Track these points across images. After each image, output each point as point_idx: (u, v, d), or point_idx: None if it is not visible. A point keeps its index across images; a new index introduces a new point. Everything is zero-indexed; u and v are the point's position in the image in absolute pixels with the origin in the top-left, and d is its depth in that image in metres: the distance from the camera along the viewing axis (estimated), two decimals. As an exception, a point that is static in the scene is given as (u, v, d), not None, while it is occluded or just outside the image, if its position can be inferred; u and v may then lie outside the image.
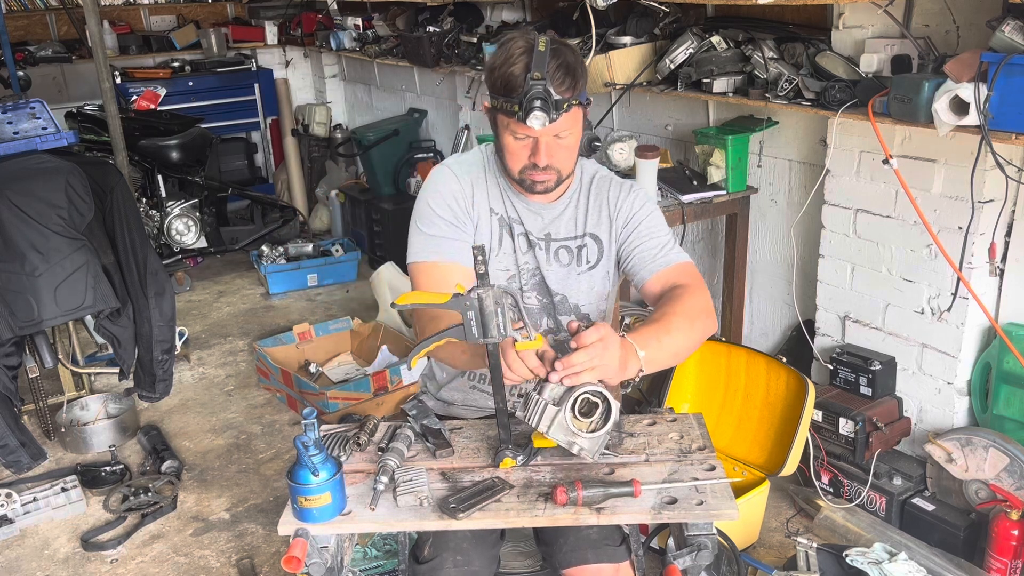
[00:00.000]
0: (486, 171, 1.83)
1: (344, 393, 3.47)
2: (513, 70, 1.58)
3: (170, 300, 3.05)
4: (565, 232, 1.83)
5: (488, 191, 1.81)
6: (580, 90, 1.63)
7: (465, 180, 1.80)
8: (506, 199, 1.82)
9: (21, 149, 2.93)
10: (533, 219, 1.82)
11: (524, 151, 1.67)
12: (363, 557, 2.64)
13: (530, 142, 1.65)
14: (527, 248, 1.82)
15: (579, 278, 1.83)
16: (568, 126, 1.64)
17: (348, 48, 5.43)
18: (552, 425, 1.45)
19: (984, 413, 2.60)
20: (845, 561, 2.27)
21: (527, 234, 1.82)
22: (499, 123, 1.67)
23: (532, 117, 1.56)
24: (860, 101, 2.45)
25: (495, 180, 1.82)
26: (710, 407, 2.87)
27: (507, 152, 1.69)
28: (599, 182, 1.86)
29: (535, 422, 1.46)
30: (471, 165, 1.83)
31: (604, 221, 1.83)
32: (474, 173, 1.82)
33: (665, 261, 1.77)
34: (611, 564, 1.69)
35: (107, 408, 3.63)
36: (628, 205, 1.82)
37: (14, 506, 2.93)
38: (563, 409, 1.44)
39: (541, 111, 1.55)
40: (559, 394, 1.46)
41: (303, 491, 1.39)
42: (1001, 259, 2.50)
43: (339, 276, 5.22)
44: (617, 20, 3.33)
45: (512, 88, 1.58)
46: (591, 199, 1.84)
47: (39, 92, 5.12)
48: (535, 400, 1.46)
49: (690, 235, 3.55)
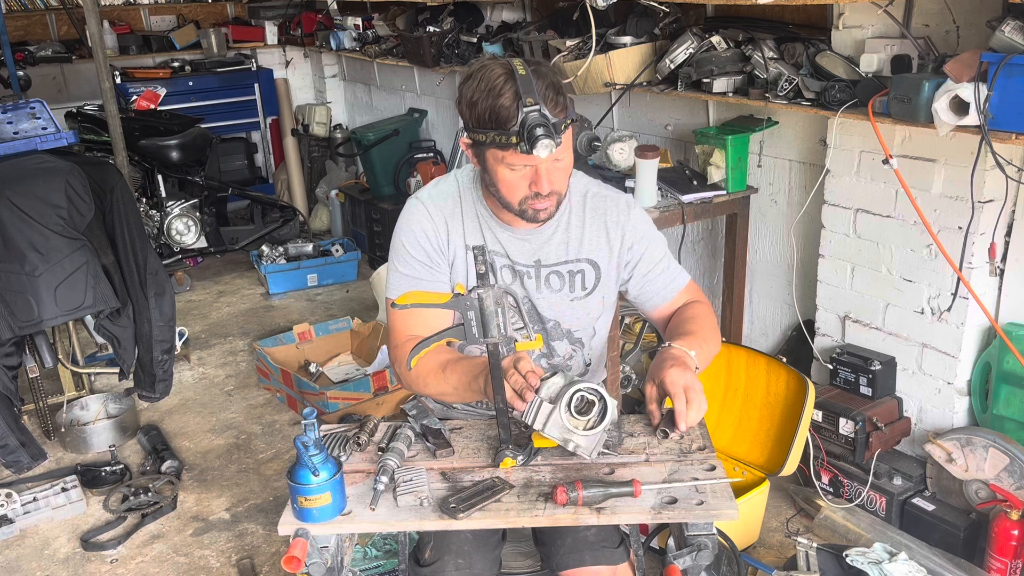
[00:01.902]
0: (462, 203, 1.75)
1: (344, 393, 3.47)
2: (502, 101, 1.50)
3: (170, 300, 3.05)
4: (556, 257, 1.76)
5: (464, 225, 1.74)
6: (570, 108, 1.58)
7: (438, 217, 1.73)
8: (486, 231, 1.74)
9: (21, 149, 2.93)
10: (519, 246, 1.75)
11: (523, 181, 1.60)
12: (363, 557, 2.64)
13: (529, 171, 1.58)
14: (511, 279, 1.76)
15: (572, 304, 1.78)
16: (566, 147, 1.58)
17: (348, 48, 5.43)
18: (548, 423, 1.45)
19: (984, 413, 2.60)
20: (845, 561, 2.27)
21: (512, 264, 1.75)
22: (489, 157, 1.59)
23: (540, 147, 1.47)
24: (860, 101, 2.44)
25: (473, 211, 1.74)
26: (710, 407, 2.85)
27: (503, 186, 1.61)
28: (593, 201, 1.78)
29: (531, 419, 1.46)
30: (445, 198, 1.76)
31: (603, 247, 1.77)
32: (448, 208, 1.74)
33: (675, 288, 1.81)
34: (609, 566, 1.69)
35: (107, 408, 3.63)
36: (631, 230, 1.77)
37: (14, 506, 2.93)
38: (559, 407, 1.44)
39: (547, 138, 1.47)
40: (555, 392, 1.46)
41: (303, 491, 1.40)
42: (1001, 259, 2.50)
43: (339, 276, 5.22)
44: (617, 20, 3.33)
45: (505, 120, 1.51)
46: (587, 221, 1.77)
47: (39, 92, 5.13)
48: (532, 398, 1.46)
49: (690, 235, 3.55)
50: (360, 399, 3.46)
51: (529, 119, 1.48)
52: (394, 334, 1.73)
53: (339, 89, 6.51)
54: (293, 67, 6.55)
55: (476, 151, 1.62)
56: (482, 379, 1.55)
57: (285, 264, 5.14)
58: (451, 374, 1.63)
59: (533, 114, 1.48)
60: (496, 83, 1.52)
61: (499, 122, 1.52)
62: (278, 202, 5.86)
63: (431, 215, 1.74)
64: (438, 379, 1.64)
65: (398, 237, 1.76)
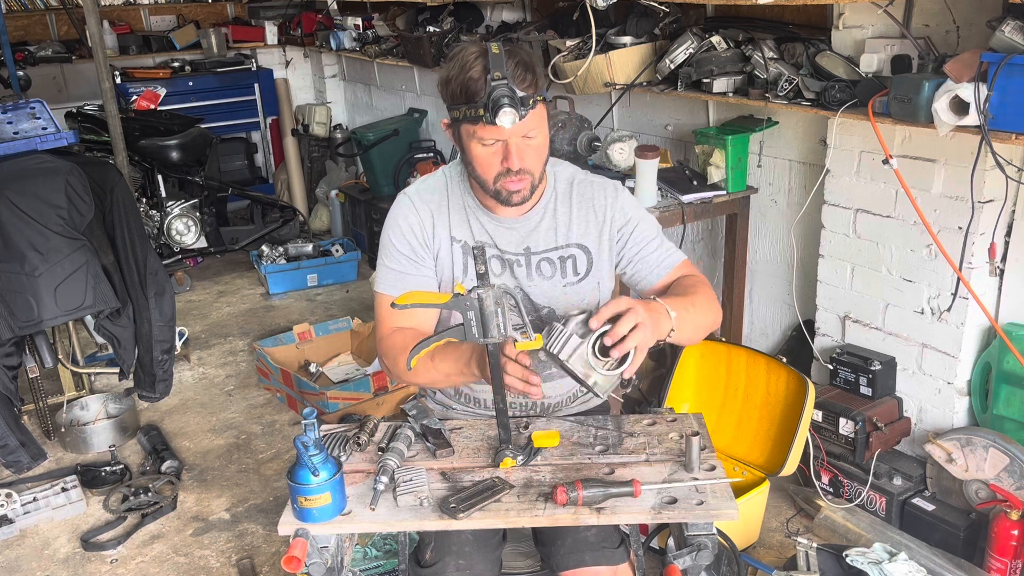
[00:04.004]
0: (448, 195, 1.78)
1: (344, 393, 3.47)
2: (471, 74, 1.56)
3: (170, 300, 3.05)
4: (545, 244, 1.78)
5: (450, 218, 1.76)
6: (541, 87, 1.62)
7: (424, 211, 1.76)
8: (473, 222, 1.77)
9: (21, 149, 2.92)
10: (507, 235, 1.77)
11: (495, 157, 1.63)
12: (363, 557, 2.64)
13: (500, 147, 1.61)
14: (501, 270, 1.77)
15: (566, 290, 1.79)
16: (535, 124, 1.61)
17: (348, 48, 5.43)
18: (573, 355, 1.45)
19: (984, 413, 2.60)
20: (845, 561, 2.27)
21: (501, 255, 1.77)
22: (464, 134, 1.63)
23: (501, 115, 1.53)
24: (860, 101, 2.44)
25: (459, 203, 1.77)
26: (710, 407, 2.86)
27: (477, 163, 1.65)
28: (580, 187, 1.80)
29: (557, 349, 1.45)
30: (432, 192, 1.79)
31: (593, 230, 1.79)
32: (434, 201, 1.77)
33: (669, 264, 1.79)
34: (609, 566, 1.69)
35: (107, 408, 3.63)
36: (620, 212, 1.79)
37: (14, 506, 2.93)
38: (588, 342, 1.44)
39: (510, 107, 1.52)
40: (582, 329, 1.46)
41: (303, 491, 1.40)
42: (1001, 259, 2.50)
43: (339, 276, 5.22)
44: (617, 20, 3.33)
45: (474, 93, 1.56)
46: (574, 207, 1.79)
47: (39, 92, 5.12)
48: (559, 331, 1.46)
49: (690, 235, 3.55)
50: (360, 399, 3.46)
51: (495, 91, 1.53)
52: (380, 326, 1.76)
53: (339, 89, 6.51)
54: (293, 67, 6.55)
55: (453, 130, 1.67)
56: (475, 363, 1.57)
57: (285, 264, 5.14)
58: (441, 362, 1.64)
59: (499, 87, 1.53)
60: (468, 60, 1.58)
61: (468, 95, 1.58)
62: (278, 202, 5.86)
63: (416, 209, 1.77)
64: (427, 368, 1.64)
65: (386, 232, 1.79)
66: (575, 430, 1.69)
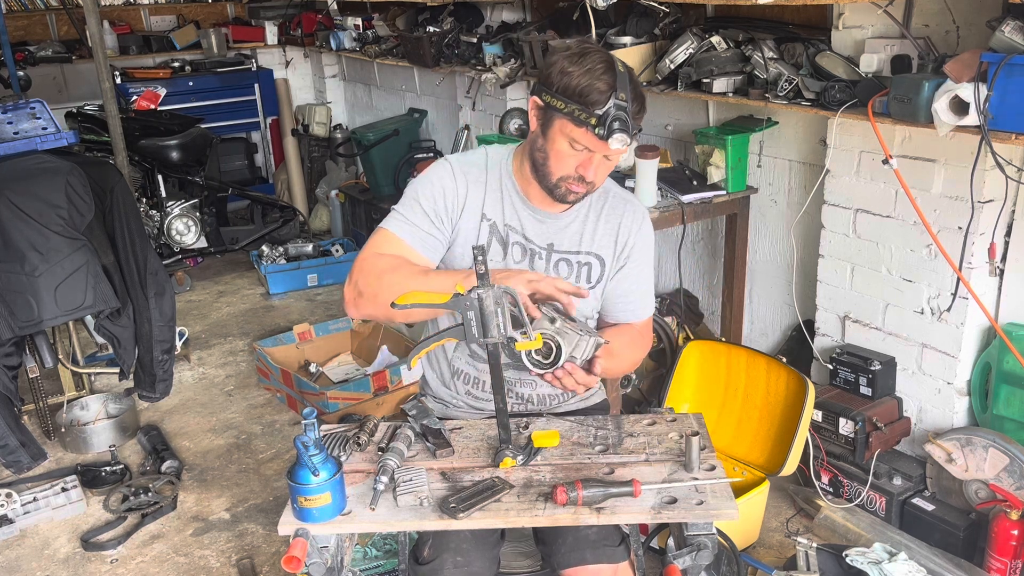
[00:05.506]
0: (487, 173, 1.79)
1: (344, 393, 3.47)
2: (597, 84, 1.57)
3: (170, 300, 3.05)
4: (568, 245, 1.81)
5: (486, 195, 1.77)
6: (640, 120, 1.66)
7: (461, 180, 1.76)
8: (507, 205, 1.78)
9: (21, 149, 2.93)
10: (536, 227, 1.79)
11: (573, 161, 1.64)
12: (363, 557, 2.64)
13: (585, 155, 1.63)
14: (521, 257, 1.79)
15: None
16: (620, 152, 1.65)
17: (348, 48, 5.43)
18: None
19: (984, 413, 2.60)
20: (845, 561, 2.27)
21: (525, 243, 1.78)
22: (556, 125, 1.63)
23: (615, 139, 1.55)
24: (860, 101, 2.45)
25: (496, 183, 1.78)
26: (710, 407, 2.87)
27: (555, 156, 1.65)
28: (613, 200, 1.84)
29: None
30: (472, 165, 1.80)
31: (609, 245, 1.83)
32: (473, 174, 1.78)
33: (638, 315, 1.89)
34: (610, 564, 1.69)
35: (107, 408, 3.63)
36: (638, 243, 1.84)
37: (14, 506, 2.93)
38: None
39: (622, 132, 1.55)
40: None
41: (303, 491, 1.40)
42: (1001, 259, 2.50)
43: (339, 276, 5.21)
44: (617, 20, 3.33)
45: (592, 101, 1.57)
46: (602, 218, 1.82)
47: (39, 92, 5.12)
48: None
49: (690, 235, 3.55)
50: (360, 399, 3.46)
51: (616, 111, 1.56)
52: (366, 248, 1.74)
53: (339, 89, 6.51)
54: (293, 67, 6.56)
55: (544, 114, 1.66)
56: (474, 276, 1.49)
57: (285, 264, 5.15)
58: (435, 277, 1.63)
59: (621, 108, 1.56)
60: (597, 67, 1.59)
61: (587, 101, 1.58)
62: (278, 202, 5.86)
63: (455, 176, 1.77)
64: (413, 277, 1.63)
65: (415, 185, 1.78)
66: (575, 430, 1.69)
